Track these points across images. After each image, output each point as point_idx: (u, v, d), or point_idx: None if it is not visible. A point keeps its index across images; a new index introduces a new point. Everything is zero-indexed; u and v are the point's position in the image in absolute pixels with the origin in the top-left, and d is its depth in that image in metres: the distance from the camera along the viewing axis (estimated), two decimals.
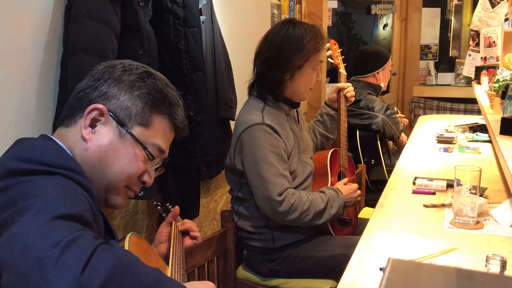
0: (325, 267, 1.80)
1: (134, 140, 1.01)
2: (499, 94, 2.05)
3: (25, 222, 0.78)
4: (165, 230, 1.37)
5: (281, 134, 1.78)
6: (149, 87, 1.04)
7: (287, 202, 1.70)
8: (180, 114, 1.09)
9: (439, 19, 5.09)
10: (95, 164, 1.00)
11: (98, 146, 1.00)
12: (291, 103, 1.87)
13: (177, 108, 1.08)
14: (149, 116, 1.03)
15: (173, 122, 1.08)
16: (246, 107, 1.86)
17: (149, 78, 1.05)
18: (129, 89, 1.02)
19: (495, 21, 2.89)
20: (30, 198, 0.81)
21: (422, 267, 0.74)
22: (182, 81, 1.94)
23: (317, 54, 1.80)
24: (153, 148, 1.05)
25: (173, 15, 1.89)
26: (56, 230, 0.77)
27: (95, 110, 0.99)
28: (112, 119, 1.00)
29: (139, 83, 1.03)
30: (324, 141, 2.14)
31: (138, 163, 1.02)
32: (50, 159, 0.89)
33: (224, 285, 1.85)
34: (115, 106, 1.01)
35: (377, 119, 2.89)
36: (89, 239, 0.79)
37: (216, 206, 2.72)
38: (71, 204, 0.83)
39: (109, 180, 1.01)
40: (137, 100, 1.02)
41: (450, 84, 5.07)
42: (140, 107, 1.02)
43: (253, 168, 1.73)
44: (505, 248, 1.39)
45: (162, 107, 1.05)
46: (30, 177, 0.85)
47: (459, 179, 1.51)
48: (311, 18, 4.10)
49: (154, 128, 1.04)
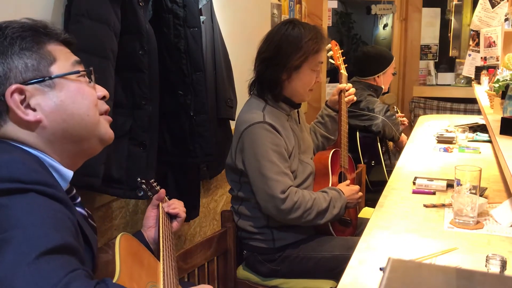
0: (325, 267, 1.80)
1: (64, 77, 0.96)
2: (499, 94, 2.05)
3: (7, 262, 0.72)
4: (152, 214, 1.34)
5: (282, 133, 1.78)
6: (14, 35, 0.93)
7: (290, 199, 1.70)
8: (54, 27, 1.00)
9: (439, 19, 5.09)
10: (64, 128, 0.96)
11: (51, 114, 0.94)
12: (292, 103, 1.87)
13: (50, 28, 0.99)
14: (47, 51, 0.96)
15: (58, 39, 1.00)
16: (247, 106, 1.86)
17: (4, 31, 0.93)
18: (6, 54, 0.92)
19: (495, 21, 2.89)
20: (8, 229, 0.75)
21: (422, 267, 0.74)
22: (182, 81, 1.94)
23: (315, 55, 1.79)
24: (76, 67, 1.00)
25: (173, 15, 1.89)
26: (44, 277, 0.71)
27: (13, 92, 0.91)
28: (32, 85, 0.93)
29: (5, 42, 0.92)
30: (325, 142, 2.14)
31: (86, 88, 1.00)
32: (21, 175, 0.83)
33: (224, 285, 1.85)
34: (18, 75, 0.92)
35: (377, 120, 2.89)
36: (81, 282, 0.74)
37: (216, 206, 2.72)
38: (53, 230, 0.78)
39: (86, 124, 0.98)
40: (24, 52, 0.93)
41: (450, 84, 5.07)
42: (32, 52, 0.94)
43: (255, 167, 1.73)
44: (505, 248, 1.39)
45: (41, 37, 0.96)
46: (3, 199, 0.79)
47: (459, 179, 1.51)
48: (311, 18, 4.10)
49: (59, 56, 0.98)
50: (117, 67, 1.56)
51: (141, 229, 1.35)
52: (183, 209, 1.40)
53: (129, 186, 1.66)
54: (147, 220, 1.34)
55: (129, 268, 1.03)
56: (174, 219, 1.39)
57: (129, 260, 1.05)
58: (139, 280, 1.04)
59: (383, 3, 5.09)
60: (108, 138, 1.05)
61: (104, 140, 1.04)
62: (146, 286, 1.05)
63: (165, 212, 1.35)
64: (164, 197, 1.38)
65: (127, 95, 1.66)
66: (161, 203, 1.36)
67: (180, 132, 1.99)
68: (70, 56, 1.01)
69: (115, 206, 1.89)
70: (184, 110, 1.96)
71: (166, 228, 1.28)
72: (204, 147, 2.01)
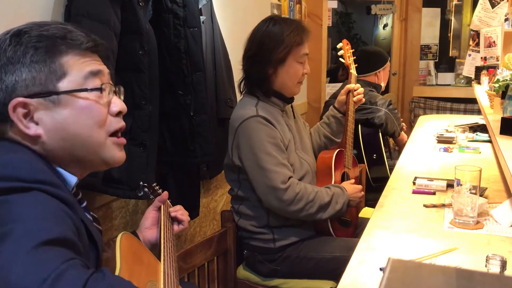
0: (325, 268, 1.80)
1: (70, 94, 0.91)
2: (499, 94, 2.05)
3: (6, 252, 0.73)
4: (151, 215, 1.32)
5: (277, 126, 1.79)
6: (30, 45, 0.90)
7: (292, 190, 1.70)
8: (76, 36, 0.94)
9: (439, 19, 5.09)
10: (62, 146, 0.92)
11: (51, 132, 0.91)
12: (283, 97, 1.87)
13: (70, 37, 0.94)
14: (58, 65, 0.91)
15: (79, 48, 0.94)
16: (241, 104, 1.88)
17: (21, 37, 0.90)
18: (17, 64, 0.89)
19: (495, 21, 2.89)
20: (9, 222, 0.75)
21: (422, 267, 0.74)
22: (182, 81, 1.94)
23: (298, 46, 1.81)
24: (89, 81, 0.94)
25: (173, 15, 1.89)
26: (41, 264, 0.72)
27: (16, 107, 0.89)
28: (36, 99, 0.89)
29: (18, 51, 0.89)
30: (328, 143, 2.14)
31: (94, 106, 0.93)
32: (25, 174, 0.83)
33: (224, 285, 1.85)
34: (24, 88, 0.89)
35: (380, 113, 2.87)
36: (78, 271, 0.74)
37: (216, 206, 2.72)
38: (53, 224, 0.78)
39: (88, 145, 0.94)
40: (33, 65, 0.89)
41: (450, 84, 5.07)
42: (42, 66, 0.90)
43: (252, 161, 1.73)
44: (505, 248, 1.39)
45: (57, 48, 0.92)
46: (6, 196, 0.79)
47: (459, 179, 1.51)
48: (311, 18, 4.10)
49: (72, 70, 0.92)
50: (117, 67, 1.56)
51: (136, 230, 1.33)
52: (188, 218, 1.41)
53: (129, 186, 1.66)
54: (146, 220, 1.33)
55: (129, 266, 1.03)
56: (175, 223, 1.38)
57: (130, 258, 1.05)
58: (139, 278, 1.04)
59: (383, 3, 5.09)
60: (114, 162, 0.99)
61: (109, 164, 0.99)
62: (146, 285, 1.05)
63: (167, 214, 1.35)
64: (166, 199, 1.38)
65: (127, 95, 1.65)
66: (163, 206, 1.36)
67: (180, 132, 1.99)
68: (86, 67, 0.94)
69: (115, 206, 1.89)
70: (184, 110, 1.96)
71: (168, 230, 1.28)
72: (204, 147, 2.01)
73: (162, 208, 1.35)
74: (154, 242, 1.31)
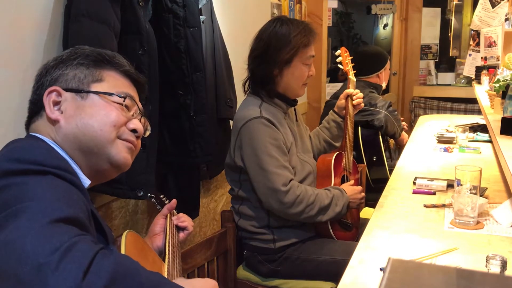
0: (325, 271, 1.79)
1: (98, 94, 1.03)
2: (500, 94, 2.05)
3: (21, 226, 0.77)
4: (159, 222, 1.37)
5: (280, 128, 1.79)
6: (82, 53, 1.06)
7: (293, 193, 1.70)
8: (123, 61, 1.10)
9: (439, 19, 5.09)
10: (76, 134, 1.00)
11: (70, 118, 1.01)
12: (287, 99, 1.87)
13: (117, 59, 1.09)
14: (99, 73, 1.05)
15: (121, 71, 1.09)
16: (244, 104, 1.87)
17: (77, 50, 1.08)
18: (67, 64, 1.05)
19: (496, 21, 2.89)
20: (25, 201, 0.80)
21: (422, 267, 0.74)
22: (182, 81, 1.94)
23: (305, 48, 1.81)
24: (121, 97, 1.06)
25: (173, 15, 1.89)
26: (54, 235, 0.77)
27: (51, 92, 1.02)
28: (70, 92, 1.02)
29: (73, 56, 1.06)
30: (327, 147, 2.14)
31: (114, 110, 1.03)
32: (42, 159, 0.89)
33: (224, 285, 1.85)
34: (64, 82, 1.03)
35: (379, 115, 2.87)
36: (88, 244, 0.79)
37: (216, 206, 2.72)
38: (66, 205, 0.83)
39: (98, 138, 1.01)
40: (79, 67, 1.04)
41: (450, 84, 5.07)
42: (85, 69, 1.05)
43: (254, 162, 1.73)
44: (505, 248, 1.39)
45: (103, 63, 1.07)
46: (23, 177, 0.84)
47: (459, 179, 1.51)
48: (311, 18, 4.10)
49: (108, 80, 1.06)
50: None
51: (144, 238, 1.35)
52: (192, 223, 1.42)
53: (129, 186, 1.65)
54: (154, 226, 1.36)
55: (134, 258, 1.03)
56: (181, 231, 1.41)
57: (134, 253, 1.06)
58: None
59: (383, 3, 5.09)
60: (118, 161, 1.04)
61: (114, 162, 1.04)
62: None
63: (173, 223, 1.37)
64: (174, 207, 1.40)
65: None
66: (169, 214, 1.38)
67: (180, 132, 1.99)
68: (121, 85, 1.07)
69: (115, 206, 1.89)
70: (184, 110, 1.96)
71: (173, 236, 1.30)
72: (204, 147, 2.01)
73: (168, 216, 1.37)
74: (162, 248, 1.33)
